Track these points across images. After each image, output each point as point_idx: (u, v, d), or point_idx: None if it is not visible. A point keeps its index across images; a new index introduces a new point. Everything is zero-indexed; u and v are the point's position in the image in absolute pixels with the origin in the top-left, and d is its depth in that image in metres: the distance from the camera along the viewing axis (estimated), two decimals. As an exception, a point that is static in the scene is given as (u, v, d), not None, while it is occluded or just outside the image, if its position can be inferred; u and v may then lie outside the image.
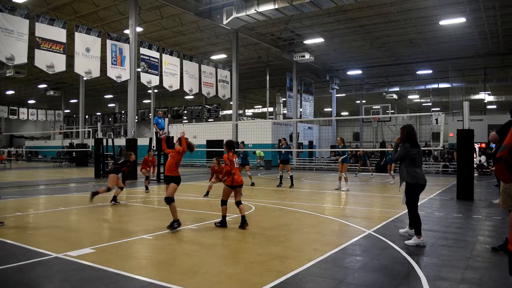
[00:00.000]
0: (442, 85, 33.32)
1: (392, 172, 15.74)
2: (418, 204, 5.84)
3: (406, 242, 5.52)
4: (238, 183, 6.60)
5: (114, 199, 9.35)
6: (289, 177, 13.94)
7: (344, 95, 40.14)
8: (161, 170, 15.91)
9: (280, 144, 14.50)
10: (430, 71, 31.22)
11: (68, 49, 15.62)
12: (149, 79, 18.40)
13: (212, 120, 33.97)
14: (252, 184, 14.34)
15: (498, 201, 10.03)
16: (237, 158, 6.76)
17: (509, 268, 1.80)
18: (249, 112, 51.87)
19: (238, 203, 6.62)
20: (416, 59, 29.79)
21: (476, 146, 21.41)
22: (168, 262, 4.62)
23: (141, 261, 4.68)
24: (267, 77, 31.51)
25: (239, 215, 7.16)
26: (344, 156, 13.10)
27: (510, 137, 1.77)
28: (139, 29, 19.22)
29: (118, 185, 9.38)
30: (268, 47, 26.40)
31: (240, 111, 41.52)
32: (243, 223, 6.46)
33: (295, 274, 4.12)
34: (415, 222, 5.55)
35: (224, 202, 6.60)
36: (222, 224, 6.58)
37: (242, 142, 16.94)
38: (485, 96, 33.58)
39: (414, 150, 5.56)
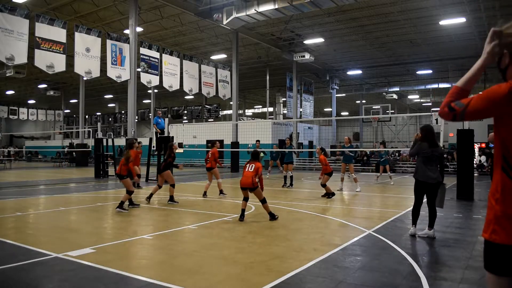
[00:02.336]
0: (442, 85, 33.31)
1: (388, 172, 15.55)
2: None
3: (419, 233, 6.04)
4: (241, 185, 7.05)
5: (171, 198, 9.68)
6: (289, 177, 13.99)
7: (344, 95, 40.13)
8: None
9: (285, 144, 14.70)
10: (430, 71, 31.21)
11: (68, 49, 15.62)
12: (149, 79, 18.40)
13: (212, 120, 33.96)
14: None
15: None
16: (250, 165, 7.13)
17: (485, 261, 1.77)
18: (249, 112, 51.86)
19: (261, 202, 7.20)
20: (416, 59, 29.78)
21: (476, 146, 21.40)
22: (168, 262, 4.61)
23: (141, 261, 4.68)
24: (267, 77, 31.51)
25: (238, 215, 7.20)
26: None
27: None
28: (139, 29, 19.21)
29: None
30: (268, 47, 26.40)
31: (240, 111, 41.52)
32: (271, 218, 7.13)
33: (295, 274, 4.12)
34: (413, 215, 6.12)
35: (243, 198, 7.15)
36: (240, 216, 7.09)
37: (258, 141, 16.76)
38: (485, 96, 33.53)
39: (430, 150, 5.87)
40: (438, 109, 1.93)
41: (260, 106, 50.07)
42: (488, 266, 1.71)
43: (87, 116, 39.69)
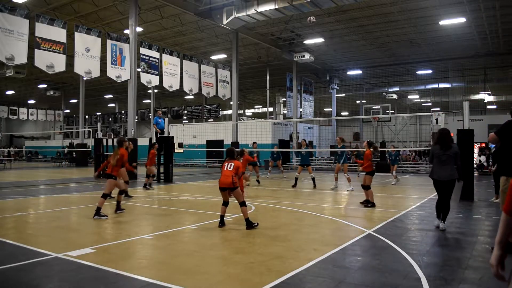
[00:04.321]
0: (442, 85, 33.30)
1: (394, 172, 15.88)
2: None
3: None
4: (220, 185, 6.57)
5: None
6: (311, 179, 13.77)
7: (344, 95, 40.13)
8: (161, 170, 15.94)
9: (301, 145, 14.45)
10: (430, 71, 31.20)
11: (68, 49, 15.60)
12: (149, 79, 18.39)
13: (212, 120, 33.96)
14: (257, 181, 14.78)
15: (494, 199, 10.03)
16: (229, 163, 6.61)
17: None
18: (249, 112, 51.86)
19: (239, 204, 6.58)
20: (416, 59, 29.79)
21: (476, 146, 21.40)
22: (168, 262, 4.62)
23: (141, 261, 4.68)
24: (267, 77, 31.50)
25: (239, 215, 7.19)
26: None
27: None
28: (139, 29, 19.20)
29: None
30: (268, 47, 26.40)
31: (240, 111, 41.51)
32: (248, 226, 6.47)
33: (295, 274, 4.12)
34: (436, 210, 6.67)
35: (223, 202, 6.70)
36: (220, 222, 6.64)
37: (254, 142, 16.97)
38: (485, 96, 33.56)
39: (441, 151, 6.40)
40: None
41: (260, 106, 50.07)
42: None
43: (87, 116, 39.69)
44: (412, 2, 18.94)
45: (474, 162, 15.41)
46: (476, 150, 20.94)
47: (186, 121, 35.81)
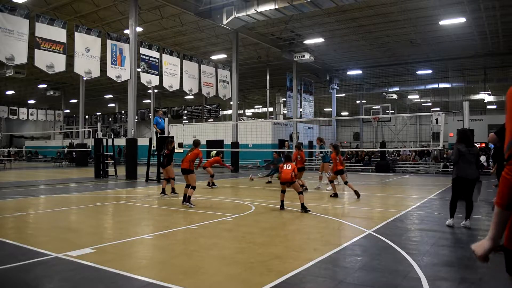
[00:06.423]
0: (442, 85, 33.33)
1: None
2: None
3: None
4: (281, 180, 8.56)
5: (164, 191, 11.00)
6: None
7: (344, 95, 40.15)
8: (161, 170, 15.92)
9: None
10: (430, 71, 31.22)
11: (68, 49, 15.60)
12: (149, 79, 18.39)
13: (212, 120, 33.96)
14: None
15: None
16: (287, 164, 8.52)
17: (506, 265, 1.83)
18: (249, 112, 51.87)
19: (298, 193, 8.45)
20: (416, 59, 29.80)
21: (476, 146, 21.38)
22: (168, 262, 4.61)
23: (141, 261, 4.68)
24: (267, 77, 31.51)
25: (238, 215, 7.21)
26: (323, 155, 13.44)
27: (509, 135, 1.73)
28: (139, 29, 19.20)
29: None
30: (268, 47, 26.40)
31: (240, 111, 41.51)
32: (302, 209, 8.21)
33: (295, 274, 4.12)
34: (451, 208, 6.85)
35: (281, 191, 8.63)
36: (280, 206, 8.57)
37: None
38: (485, 96, 33.59)
39: (467, 150, 6.55)
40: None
41: (260, 106, 50.08)
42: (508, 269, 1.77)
43: (87, 116, 39.66)
44: (412, 2, 18.95)
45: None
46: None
47: (186, 121, 35.79)
